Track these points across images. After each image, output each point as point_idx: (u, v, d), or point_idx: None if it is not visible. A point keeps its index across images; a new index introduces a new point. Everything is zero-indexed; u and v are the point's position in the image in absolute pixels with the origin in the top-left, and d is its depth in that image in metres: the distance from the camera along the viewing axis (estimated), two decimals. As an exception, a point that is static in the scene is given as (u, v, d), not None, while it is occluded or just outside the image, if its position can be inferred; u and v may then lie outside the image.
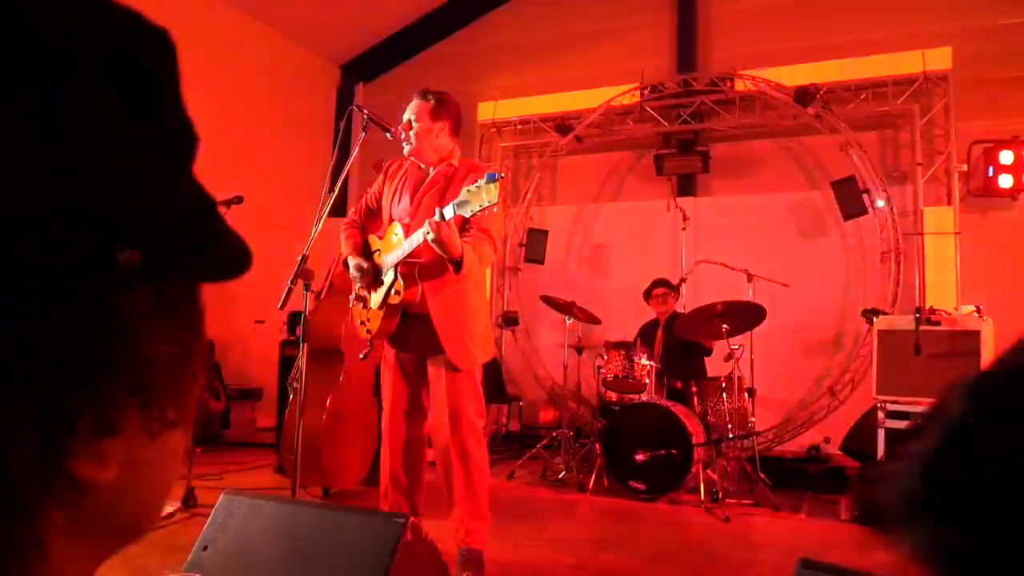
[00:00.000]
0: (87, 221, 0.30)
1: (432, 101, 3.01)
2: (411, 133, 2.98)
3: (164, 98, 0.35)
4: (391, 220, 3.07)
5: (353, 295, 3.13)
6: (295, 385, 4.69)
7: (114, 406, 0.33)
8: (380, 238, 3.10)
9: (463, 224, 2.89)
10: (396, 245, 2.92)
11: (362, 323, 3.05)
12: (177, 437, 0.38)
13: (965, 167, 6.40)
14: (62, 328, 0.30)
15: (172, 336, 0.36)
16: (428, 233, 2.62)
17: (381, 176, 3.22)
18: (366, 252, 3.12)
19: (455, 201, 2.59)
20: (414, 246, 2.79)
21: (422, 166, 3.07)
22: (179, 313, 0.36)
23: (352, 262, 3.07)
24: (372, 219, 3.23)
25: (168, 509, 3.84)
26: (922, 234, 6.40)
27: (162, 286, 0.35)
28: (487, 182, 2.52)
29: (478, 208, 2.53)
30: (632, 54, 7.75)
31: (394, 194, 3.11)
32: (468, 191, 2.58)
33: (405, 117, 3.01)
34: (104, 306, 0.31)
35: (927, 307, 4.40)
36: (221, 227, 0.36)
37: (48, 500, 0.32)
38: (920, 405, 4.05)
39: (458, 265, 2.72)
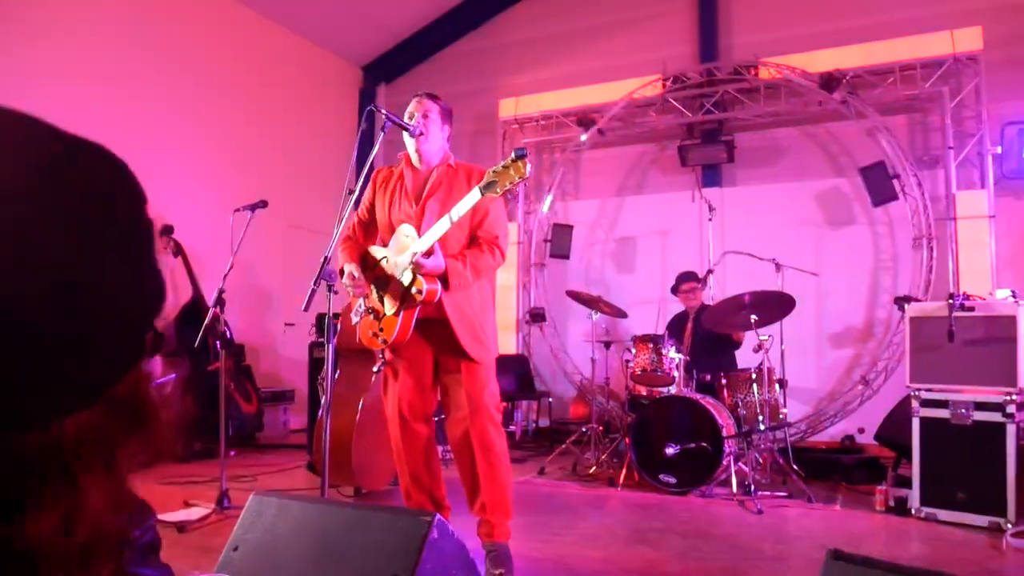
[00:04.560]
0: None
1: (440, 103, 3.09)
2: (427, 126, 3.01)
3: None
4: (392, 225, 3.06)
5: (357, 310, 3.10)
6: (325, 384, 4.71)
7: None
8: (384, 246, 3.09)
9: (473, 233, 2.94)
10: (409, 245, 2.91)
11: (375, 334, 3.00)
12: None
13: (999, 149, 6.26)
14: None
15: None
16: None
17: (369, 187, 3.22)
18: (366, 264, 3.11)
19: (480, 184, 2.70)
20: (431, 242, 2.81)
21: (419, 167, 3.08)
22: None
23: (347, 269, 3.05)
24: (367, 232, 3.24)
25: (203, 511, 3.90)
26: (955, 219, 6.27)
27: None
28: (515, 159, 2.62)
29: (508, 185, 2.63)
30: (653, 45, 7.69)
31: (390, 200, 3.11)
32: (495, 171, 2.67)
33: (416, 112, 3.04)
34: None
35: (961, 293, 4.31)
36: None
37: None
38: (955, 392, 3.98)
39: (446, 283, 2.84)
